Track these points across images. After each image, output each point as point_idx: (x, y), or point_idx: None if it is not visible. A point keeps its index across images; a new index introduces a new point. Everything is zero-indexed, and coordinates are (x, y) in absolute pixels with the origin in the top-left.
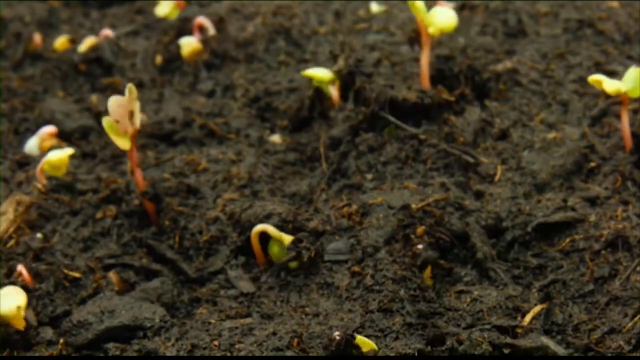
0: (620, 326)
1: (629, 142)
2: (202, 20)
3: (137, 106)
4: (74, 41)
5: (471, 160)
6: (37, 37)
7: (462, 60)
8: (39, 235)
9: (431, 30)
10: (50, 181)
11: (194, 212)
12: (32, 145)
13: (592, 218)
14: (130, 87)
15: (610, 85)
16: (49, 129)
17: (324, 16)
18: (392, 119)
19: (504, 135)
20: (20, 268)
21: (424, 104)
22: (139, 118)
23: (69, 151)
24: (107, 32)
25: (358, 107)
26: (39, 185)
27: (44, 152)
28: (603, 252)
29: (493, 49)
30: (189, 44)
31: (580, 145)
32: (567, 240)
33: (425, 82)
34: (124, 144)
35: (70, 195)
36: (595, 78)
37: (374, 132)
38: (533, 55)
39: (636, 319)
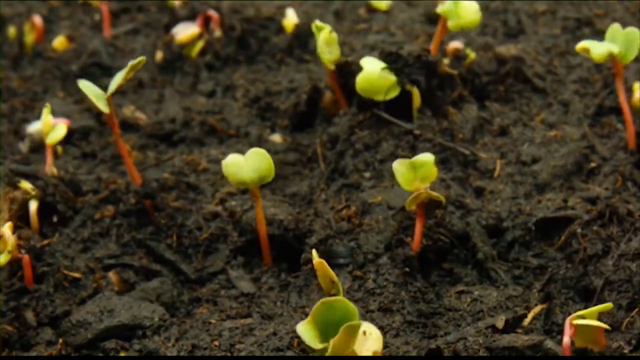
0: (617, 322)
1: (632, 131)
2: (212, 13)
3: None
4: (73, 39)
5: (467, 152)
6: (38, 20)
7: (462, 63)
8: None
9: (451, 24)
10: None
11: (191, 207)
12: (37, 126)
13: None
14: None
15: (599, 49)
16: (64, 120)
17: (324, 16)
18: (386, 116)
19: (503, 133)
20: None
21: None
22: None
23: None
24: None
25: (359, 108)
26: (54, 170)
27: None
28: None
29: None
30: (190, 34)
31: (581, 146)
32: (566, 232)
33: None
34: (103, 106)
35: (73, 193)
36: (582, 46)
37: (370, 130)
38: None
39: (633, 313)
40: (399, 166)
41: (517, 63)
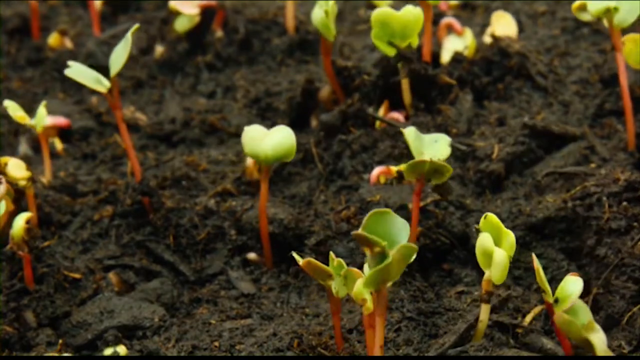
0: (616, 314)
1: (632, 131)
2: (220, 9)
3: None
4: (65, 32)
5: (463, 148)
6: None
7: (462, 65)
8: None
9: None
10: (55, 180)
11: (189, 206)
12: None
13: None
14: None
15: (596, 5)
16: (64, 121)
17: None
18: (379, 116)
19: (501, 124)
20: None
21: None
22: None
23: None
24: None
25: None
26: (44, 180)
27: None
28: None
29: None
30: (187, 12)
31: (581, 146)
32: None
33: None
34: (102, 88)
35: (70, 195)
36: (578, 3)
37: (365, 129)
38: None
39: (635, 308)
40: (409, 132)
41: (521, 59)
